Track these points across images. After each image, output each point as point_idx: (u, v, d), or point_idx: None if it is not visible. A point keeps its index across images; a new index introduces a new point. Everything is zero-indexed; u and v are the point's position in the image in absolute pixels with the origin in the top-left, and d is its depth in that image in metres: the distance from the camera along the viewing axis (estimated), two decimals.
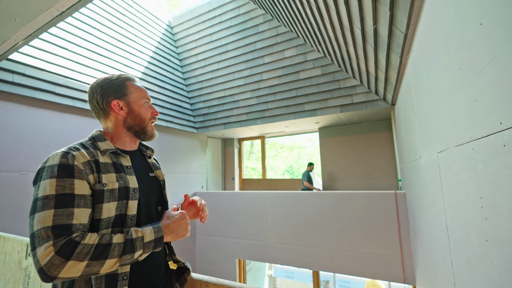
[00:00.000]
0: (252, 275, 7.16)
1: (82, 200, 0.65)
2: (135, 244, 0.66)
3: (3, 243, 1.48)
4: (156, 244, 0.70)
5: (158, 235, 0.71)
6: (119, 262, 0.63)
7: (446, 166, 1.29)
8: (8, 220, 2.46)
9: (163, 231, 0.72)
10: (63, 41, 3.06)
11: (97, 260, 0.60)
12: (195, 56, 4.92)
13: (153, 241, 0.69)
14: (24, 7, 1.46)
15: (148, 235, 0.69)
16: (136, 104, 0.84)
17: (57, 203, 0.61)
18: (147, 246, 0.68)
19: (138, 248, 0.66)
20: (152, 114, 0.88)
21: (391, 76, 2.63)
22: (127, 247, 0.64)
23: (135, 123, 0.83)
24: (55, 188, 0.62)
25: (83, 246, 0.59)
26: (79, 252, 0.58)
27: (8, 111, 2.57)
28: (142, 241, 0.67)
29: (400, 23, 1.72)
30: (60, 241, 0.57)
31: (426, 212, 1.94)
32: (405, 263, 3.09)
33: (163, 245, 0.87)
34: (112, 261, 0.62)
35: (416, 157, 2.09)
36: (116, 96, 0.82)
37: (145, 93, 0.88)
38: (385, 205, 3.28)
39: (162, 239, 0.72)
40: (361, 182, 4.80)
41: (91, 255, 0.59)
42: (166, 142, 4.57)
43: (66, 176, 0.64)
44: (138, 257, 0.67)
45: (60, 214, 0.60)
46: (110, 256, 0.62)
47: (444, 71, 1.20)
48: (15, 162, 2.57)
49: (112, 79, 0.84)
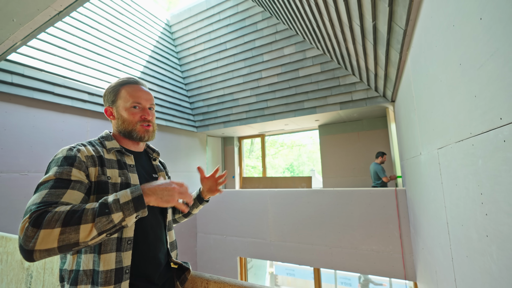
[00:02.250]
0: (253, 273, 7.19)
1: (78, 184, 0.68)
2: (111, 206, 0.61)
3: (5, 243, 1.49)
4: (137, 205, 0.63)
5: (135, 194, 0.64)
6: (95, 227, 0.59)
7: (446, 163, 1.29)
8: (10, 220, 2.47)
9: (141, 190, 0.65)
10: (61, 41, 3.05)
11: (70, 226, 0.57)
12: (194, 54, 4.90)
13: (131, 201, 0.63)
14: (22, 7, 1.46)
15: (123, 195, 0.64)
16: (122, 109, 0.86)
17: (53, 185, 0.65)
18: (125, 207, 0.62)
19: (115, 209, 0.61)
20: (141, 117, 0.86)
21: (390, 73, 2.62)
22: (101, 209, 0.60)
23: (122, 127, 0.86)
24: (54, 174, 0.67)
25: (54, 213, 0.58)
26: (50, 220, 0.56)
27: (8, 112, 2.56)
28: (118, 202, 0.62)
29: (399, 19, 1.71)
30: (35, 213, 0.58)
31: (426, 209, 1.94)
32: (406, 260, 3.09)
33: (164, 243, 0.88)
34: (87, 227, 0.58)
35: (416, 153, 2.09)
36: (108, 103, 0.88)
37: (137, 97, 0.86)
38: (386, 202, 3.29)
39: (141, 198, 0.64)
40: (362, 179, 4.81)
41: (62, 221, 0.57)
42: (166, 142, 4.57)
43: (67, 165, 0.69)
44: (120, 222, 0.62)
45: (52, 193, 0.63)
46: (84, 221, 0.58)
47: (444, 67, 1.19)
48: (15, 162, 2.57)
49: (111, 86, 0.89)
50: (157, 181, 0.70)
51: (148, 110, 0.89)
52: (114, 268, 0.70)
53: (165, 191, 0.67)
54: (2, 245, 1.50)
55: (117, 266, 0.70)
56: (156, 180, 0.91)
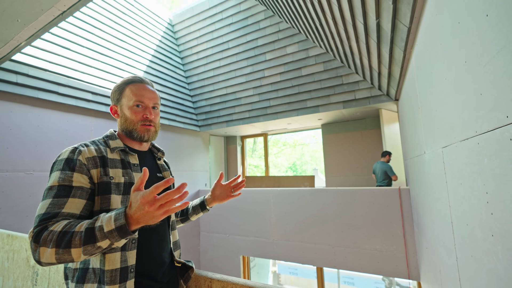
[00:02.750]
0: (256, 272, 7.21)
1: (79, 191, 0.70)
2: (95, 233, 0.59)
3: (11, 242, 1.51)
4: (121, 233, 0.59)
5: (118, 223, 0.59)
6: (83, 253, 0.59)
7: (451, 161, 1.28)
8: (16, 219, 2.50)
9: (124, 219, 0.59)
10: (65, 41, 3.07)
11: (62, 248, 0.59)
12: (197, 54, 4.91)
13: (114, 230, 0.59)
14: (26, 8, 1.47)
15: (107, 223, 0.60)
16: (125, 107, 0.86)
17: (56, 193, 0.67)
18: (110, 236, 0.59)
19: (100, 238, 0.59)
20: (143, 116, 0.85)
21: (394, 71, 2.60)
22: (87, 236, 0.59)
23: (125, 126, 0.86)
24: (57, 180, 0.69)
25: (49, 232, 0.61)
26: (45, 239, 0.60)
27: (13, 112, 2.59)
28: (103, 230, 0.59)
29: (403, 16, 1.69)
30: (37, 227, 0.62)
31: (430, 208, 1.93)
32: (410, 259, 3.08)
33: (168, 242, 0.88)
34: (76, 250, 0.59)
35: (420, 152, 2.08)
36: (114, 102, 0.89)
37: (140, 96, 0.85)
38: (389, 201, 3.27)
39: (124, 227, 0.59)
40: (365, 178, 4.78)
41: (55, 242, 0.59)
42: (169, 141, 4.59)
43: (68, 169, 0.71)
44: (109, 245, 0.60)
45: (54, 203, 0.66)
46: (73, 245, 0.59)
47: (449, 65, 1.18)
48: (21, 162, 2.60)
49: (117, 84, 0.90)
50: (133, 200, 0.60)
51: (152, 109, 0.87)
52: (119, 268, 0.70)
53: (146, 216, 0.58)
54: (8, 243, 1.52)
55: (122, 265, 0.71)
56: (160, 179, 0.91)
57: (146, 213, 0.58)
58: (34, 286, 1.32)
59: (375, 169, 4.21)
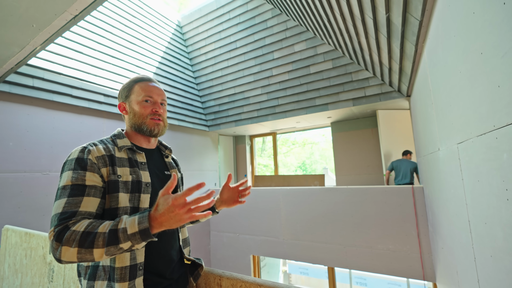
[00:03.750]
0: (266, 271, 7.20)
1: (93, 190, 0.71)
2: (119, 235, 0.61)
3: (29, 239, 1.56)
4: (144, 237, 0.62)
5: (142, 226, 0.61)
6: (105, 254, 0.62)
7: (467, 158, 1.23)
8: (33, 217, 2.59)
9: (148, 223, 0.61)
10: (78, 45, 3.16)
11: (85, 248, 0.61)
12: (205, 54, 4.94)
13: (137, 233, 0.61)
14: (40, 13, 1.52)
15: (131, 226, 0.62)
16: (134, 103, 0.87)
17: (70, 192, 0.68)
18: (132, 238, 0.61)
19: (123, 240, 0.61)
20: (152, 110, 0.87)
21: (405, 66, 2.53)
22: (110, 238, 0.61)
23: (134, 121, 0.87)
24: (70, 179, 0.70)
25: (71, 232, 0.62)
26: (68, 238, 0.61)
27: (30, 114, 2.69)
28: (126, 232, 0.61)
29: (414, 9, 1.64)
30: (58, 227, 0.63)
31: (446, 207, 1.86)
32: (424, 260, 2.99)
33: (177, 240, 0.89)
34: (99, 251, 0.61)
35: (434, 149, 2.01)
36: (122, 99, 0.90)
37: (149, 91, 0.88)
38: (402, 200, 3.19)
39: (147, 231, 0.61)
40: (376, 177, 4.69)
41: (78, 242, 0.61)
42: (179, 141, 4.65)
43: (80, 169, 0.72)
44: (130, 247, 0.63)
45: (70, 202, 0.67)
46: (95, 245, 0.61)
47: (464, 57, 1.13)
48: (37, 163, 2.69)
49: (125, 83, 0.92)
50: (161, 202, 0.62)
51: (160, 104, 0.90)
52: (128, 265, 0.71)
53: (171, 219, 0.61)
54: (26, 240, 1.58)
55: (131, 263, 0.72)
56: (168, 177, 0.92)
57: (174, 215, 0.60)
58: (50, 282, 1.36)
59: (397, 166, 3.97)
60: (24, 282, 1.53)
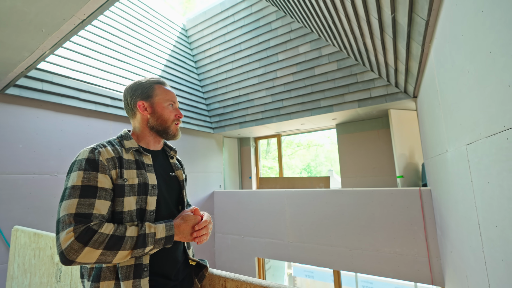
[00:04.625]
0: (271, 274, 7.15)
1: (104, 193, 0.71)
2: (147, 239, 0.70)
3: (37, 240, 1.58)
4: (167, 242, 0.74)
5: (169, 233, 0.75)
6: (130, 255, 0.68)
7: (476, 159, 1.21)
8: (41, 218, 2.63)
9: (174, 230, 0.76)
10: (85, 49, 3.22)
11: (111, 250, 0.63)
12: (210, 57, 4.98)
13: (164, 238, 0.73)
14: (49, 18, 1.55)
15: (160, 232, 0.73)
16: (159, 105, 0.89)
17: (81, 193, 0.67)
18: (157, 242, 0.72)
19: (150, 243, 0.70)
20: (175, 116, 0.92)
21: (412, 67, 2.50)
22: (139, 241, 0.68)
23: (157, 123, 0.88)
24: (81, 180, 0.69)
25: (99, 234, 0.63)
26: (96, 240, 0.62)
27: (39, 117, 2.74)
28: (154, 237, 0.71)
29: (420, 9, 1.63)
30: (79, 227, 0.62)
31: (454, 209, 1.83)
32: (433, 263, 2.93)
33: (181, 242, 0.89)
34: (124, 253, 0.66)
35: (442, 151, 1.98)
36: (142, 98, 0.89)
37: (171, 96, 0.93)
38: (409, 203, 3.14)
39: (173, 238, 0.75)
40: (383, 179, 4.63)
41: (105, 244, 0.63)
42: (184, 143, 4.67)
43: (92, 170, 0.71)
44: (148, 252, 0.71)
45: (83, 203, 0.66)
46: (123, 248, 0.65)
47: (472, 57, 1.11)
48: (46, 164, 2.74)
49: (142, 81, 0.92)
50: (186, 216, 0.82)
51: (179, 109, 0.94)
52: (133, 264, 0.72)
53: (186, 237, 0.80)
54: (35, 241, 1.60)
55: (136, 262, 0.72)
56: (173, 178, 0.92)
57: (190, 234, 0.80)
58: (58, 282, 1.38)
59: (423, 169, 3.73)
60: (33, 282, 1.55)
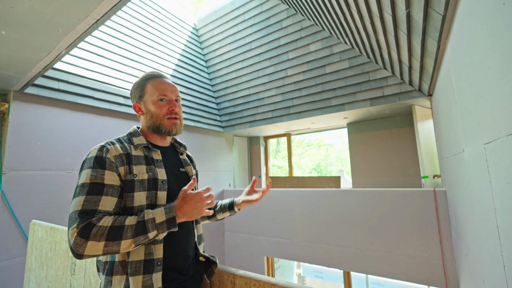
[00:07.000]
0: (280, 273, 7.14)
1: (110, 189, 0.72)
2: (147, 225, 0.69)
3: (53, 233, 1.64)
4: (170, 225, 0.72)
5: (169, 215, 0.72)
6: (134, 243, 0.68)
7: (496, 159, 1.16)
8: (57, 213, 2.73)
9: (174, 212, 0.73)
10: (99, 49, 3.31)
11: (113, 240, 0.65)
12: (220, 56, 5.00)
13: (165, 221, 0.71)
14: (65, 18, 1.60)
15: (159, 216, 0.71)
16: (149, 103, 0.87)
17: (89, 190, 0.70)
18: (160, 227, 0.71)
19: (151, 229, 0.69)
20: (168, 109, 0.87)
21: (427, 64, 2.43)
22: (139, 228, 0.68)
23: (151, 122, 0.87)
24: (89, 177, 0.71)
25: (98, 228, 0.65)
26: (95, 233, 0.64)
27: (56, 116, 2.84)
28: (154, 222, 0.70)
29: (437, 4, 1.57)
30: (82, 223, 0.65)
31: (471, 211, 1.76)
32: (447, 267, 2.84)
33: (193, 236, 0.90)
34: (127, 242, 0.67)
35: (459, 150, 1.91)
36: (136, 99, 0.90)
37: (163, 89, 0.87)
38: (423, 204, 3.05)
39: (174, 220, 0.73)
40: (395, 179, 4.52)
41: (106, 236, 0.65)
42: (194, 141, 4.72)
43: (99, 167, 0.73)
44: (154, 237, 0.71)
45: (89, 200, 0.69)
46: (124, 237, 0.66)
47: (492, 52, 1.07)
48: (62, 162, 2.84)
49: (137, 81, 0.91)
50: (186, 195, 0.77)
51: (175, 102, 0.89)
52: (143, 259, 0.73)
53: (194, 210, 0.76)
54: (51, 235, 1.66)
55: (146, 257, 0.73)
56: (183, 174, 0.93)
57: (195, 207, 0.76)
58: (73, 275, 1.42)
59: None
60: (49, 274, 1.61)
